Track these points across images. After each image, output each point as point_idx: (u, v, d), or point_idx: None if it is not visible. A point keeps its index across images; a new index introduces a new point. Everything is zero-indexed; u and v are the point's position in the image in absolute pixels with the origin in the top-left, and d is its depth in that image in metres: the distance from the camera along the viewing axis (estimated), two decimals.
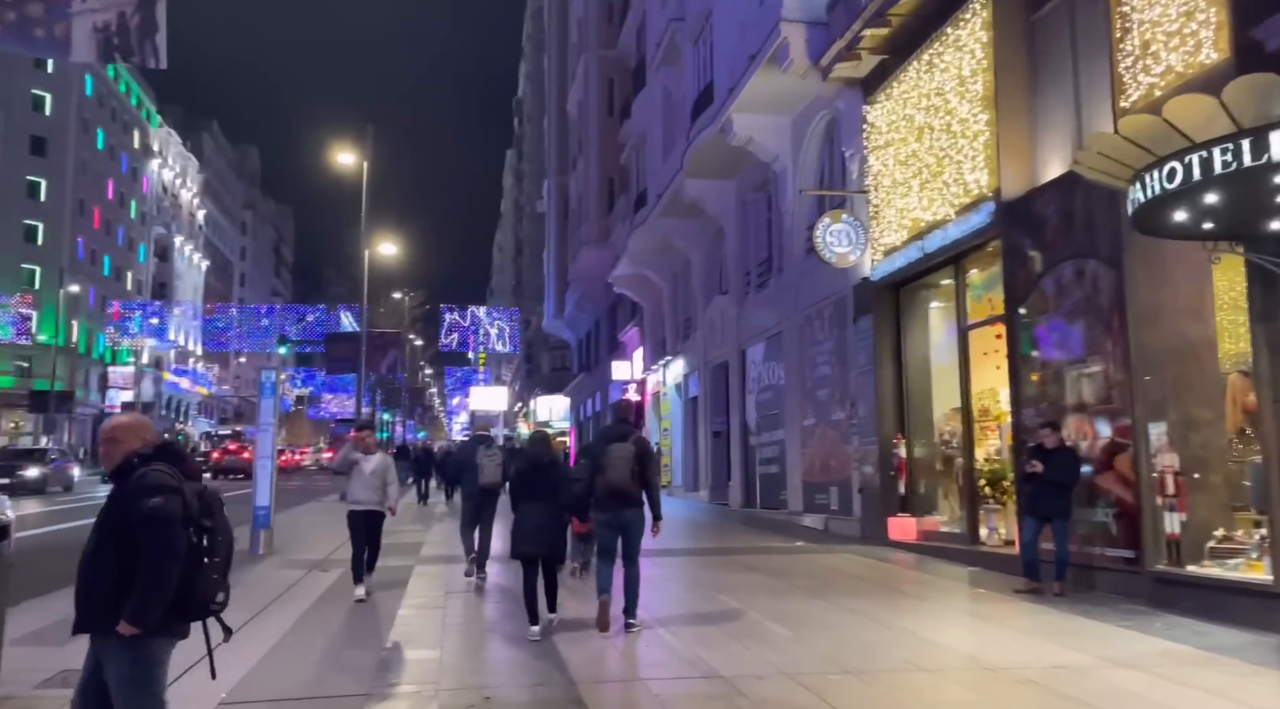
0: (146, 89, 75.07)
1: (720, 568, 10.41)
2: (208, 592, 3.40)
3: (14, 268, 55.41)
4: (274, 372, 12.20)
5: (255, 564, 10.73)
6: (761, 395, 18.80)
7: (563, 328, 48.96)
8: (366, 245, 24.87)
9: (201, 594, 3.37)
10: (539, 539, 6.77)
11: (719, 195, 20.21)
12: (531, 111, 69.04)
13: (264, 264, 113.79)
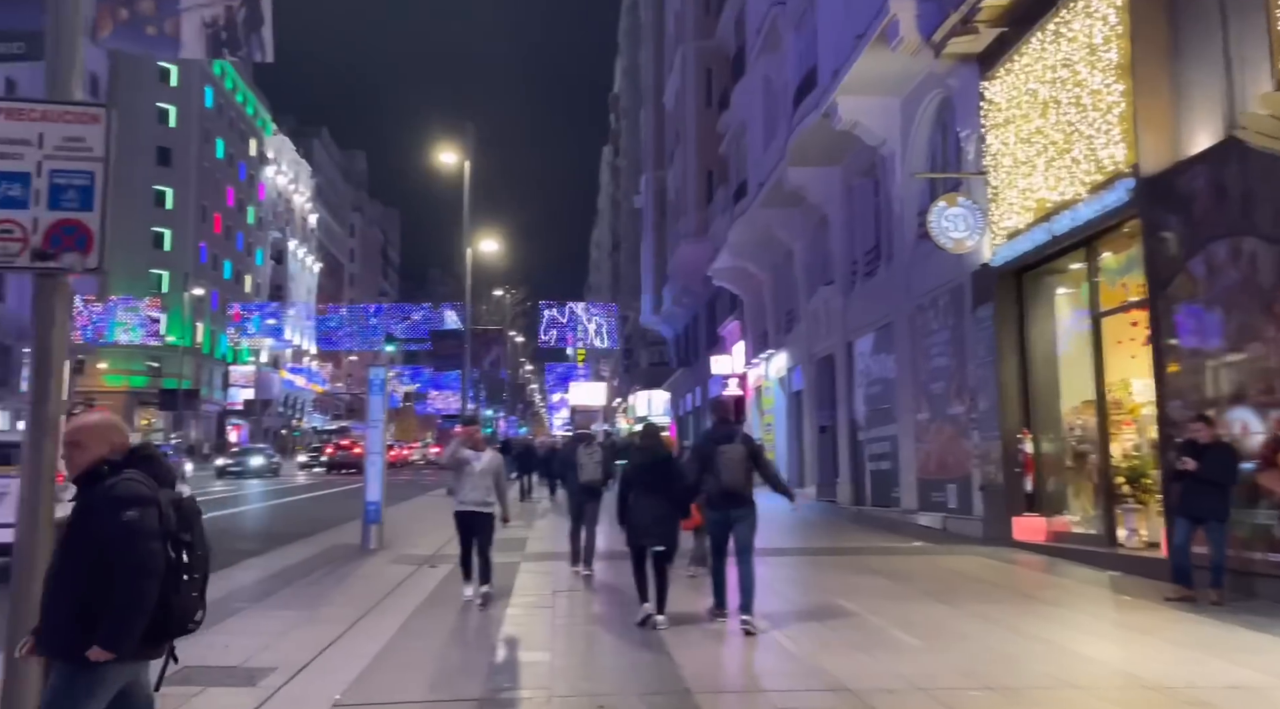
0: (261, 99, 78.39)
1: (835, 569, 9.97)
2: (186, 611, 3.09)
3: (144, 273, 58.64)
4: (383, 369, 12.36)
5: (366, 559, 10.85)
6: (870, 389, 18.16)
7: (660, 323, 48.86)
8: (469, 242, 25.19)
9: (179, 615, 3.06)
10: (656, 531, 6.94)
11: (823, 183, 19.61)
12: (628, 107, 69.14)
13: (372, 265, 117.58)
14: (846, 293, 19.39)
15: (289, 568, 9.93)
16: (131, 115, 58.38)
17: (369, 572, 9.79)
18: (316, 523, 16.53)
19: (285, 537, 13.80)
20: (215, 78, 66.76)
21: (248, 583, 8.75)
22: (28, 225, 4.27)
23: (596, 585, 9.11)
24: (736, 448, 6.93)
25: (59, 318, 4.35)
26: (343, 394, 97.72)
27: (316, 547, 11.92)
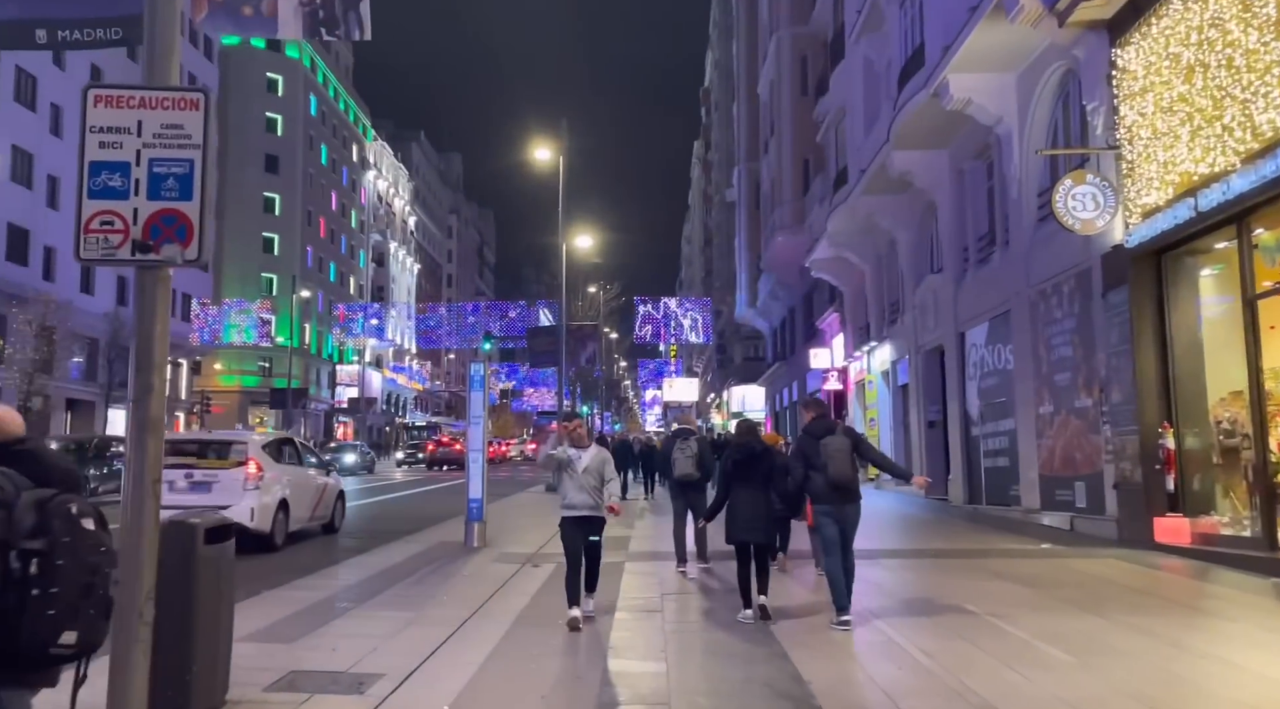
0: (362, 105, 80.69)
1: (960, 573, 9.32)
2: (40, 634, 2.52)
3: (255, 277, 61.08)
4: (482, 364, 12.22)
5: (470, 557, 10.72)
6: (985, 381, 17.23)
7: (755, 317, 48.11)
8: (564, 239, 25.11)
9: (31, 638, 2.51)
10: (754, 527, 7.00)
11: (930, 166, 18.72)
12: (719, 99, 68.46)
13: (468, 265, 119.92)
14: (957, 281, 18.47)
15: (394, 566, 9.86)
16: (241, 125, 60.86)
17: (473, 571, 9.63)
18: (420, 520, 16.62)
19: (389, 534, 13.86)
20: (319, 86, 68.98)
21: (353, 582, 8.69)
22: (128, 216, 4.13)
23: (705, 586, 8.73)
24: (839, 439, 6.89)
25: (159, 311, 4.20)
26: (442, 392, 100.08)
27: (420, 544, 11.88)
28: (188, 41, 47.98)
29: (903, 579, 9.12)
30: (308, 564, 10.43)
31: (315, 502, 13.87)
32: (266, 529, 11.94)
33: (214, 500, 11.36)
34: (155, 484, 4.15)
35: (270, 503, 12.07)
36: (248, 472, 11.97)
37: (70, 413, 38.43)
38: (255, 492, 11.87)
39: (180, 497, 11.45)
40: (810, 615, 7.14)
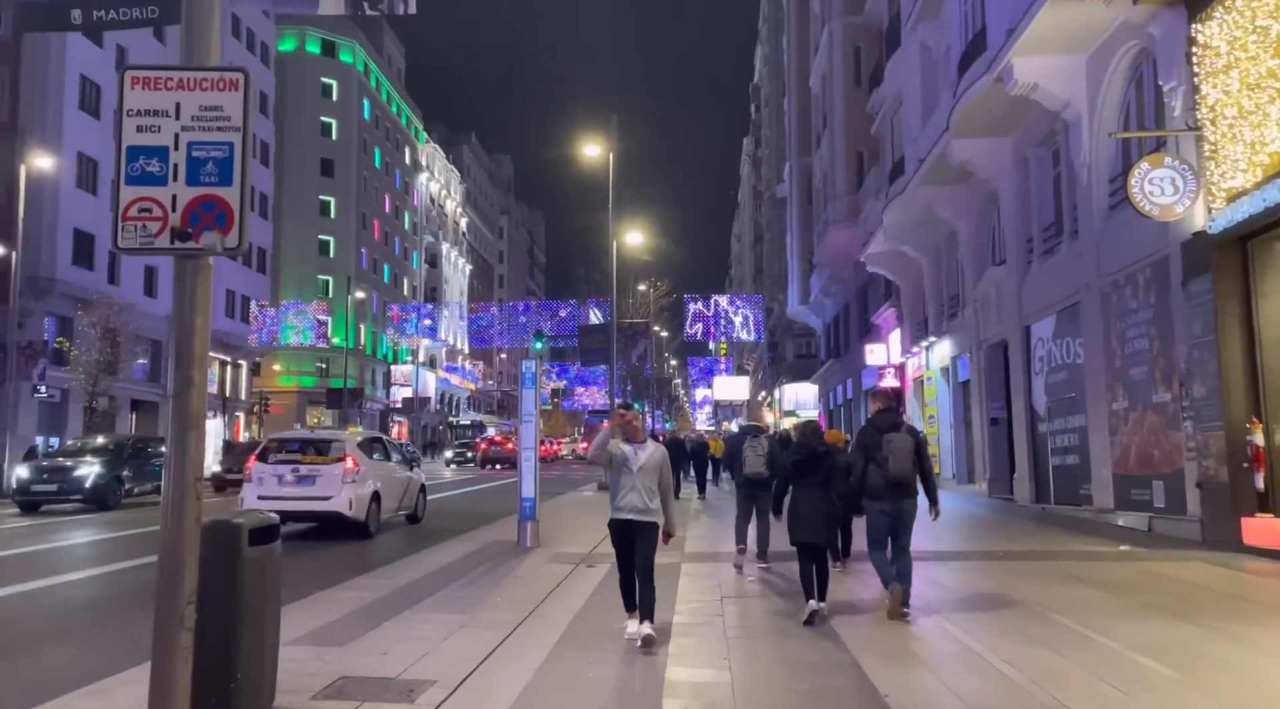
0: (414, 108, 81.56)
1: (1035, 576, 8.84)
2: None
3: (312, 279, 62.03)
4: (534, 362, 12.03)
5: (523, 557, 10.52)
6: (1052, 377, 16.58)
7: (808, 314, 47.42)
8: (614, 235, 24.88)
9: None
10: (815, 527, 6.94)
11: (992, 155, 18.09)
12: (769, 95, 67.76)
13: (519, 266, 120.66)
14: (1021, 274, 17.82)
15: (447, 566, 9.69)
16: (297, 130, 61.85)
17: (526, 571, 9.42)
18: (472, 518, 16.53)
19: (442, 533, 13.76)
20: (372, 90, 69.85)
21: (405, 583, 8.52)
22: (166, 203, 3.96)
23: (765, 587, 8.40)
24: (905, 438, 6.83)
25: (200, 303, 4.03)
26: (494, 391, 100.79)
27: (473, 543, 11.73)
28: (244, 47, 48.89)
29: (974, 582, 8.67)
30: (364, 562, 10.34)
31: (402, 494, 15.41)
32: (362, 518, 13.40)
33: (317, 492, 13.14)
34: (197, 483, 3.98)
35: (365, 495, 13.53)
36: (346, 467, 13.37)
37: (135, 413, 39.34)
38: (352, 484, 13.30)
39: (288, 489, 13.22)
40: (877, 619, 6.78)
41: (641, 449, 6.27)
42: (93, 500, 19.22)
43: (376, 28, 73.52)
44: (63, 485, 18.98)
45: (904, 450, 6.74)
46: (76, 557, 11.95)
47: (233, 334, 46.43)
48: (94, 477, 19.25)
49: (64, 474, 19.12)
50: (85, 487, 19.07)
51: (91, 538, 14.22)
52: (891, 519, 6.85)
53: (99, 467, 19.53)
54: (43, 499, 19.17)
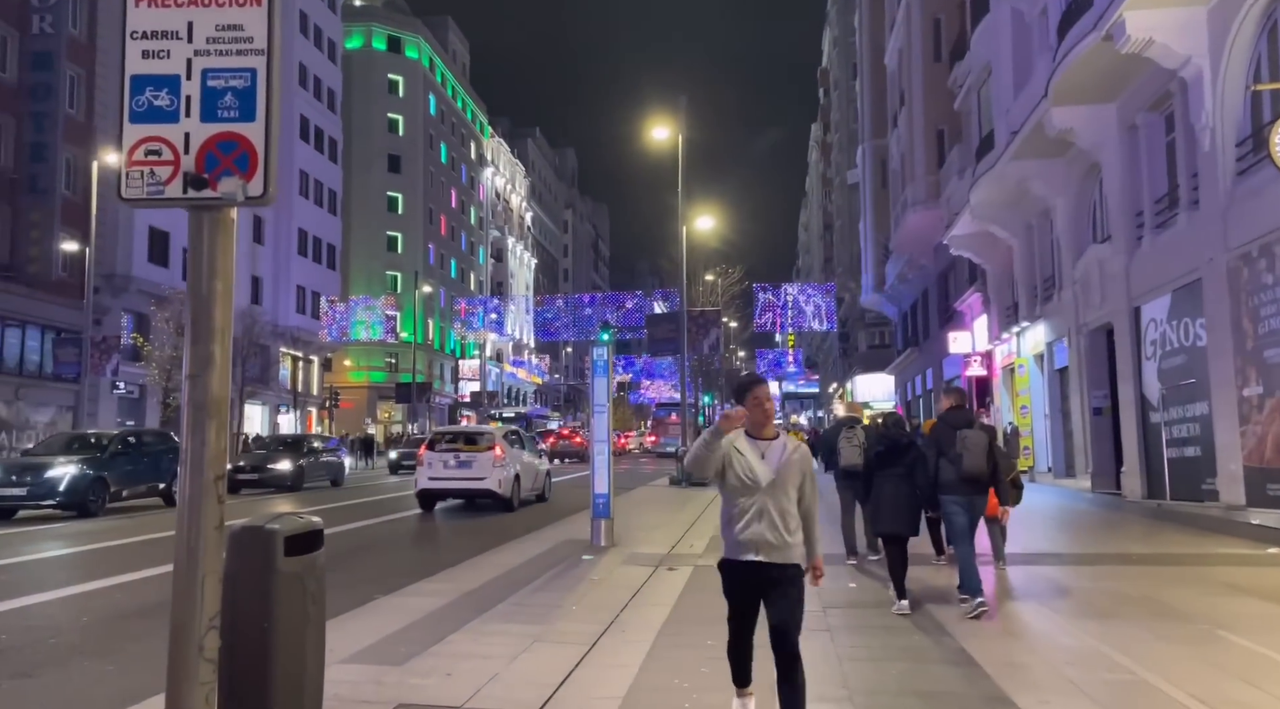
0: (479, 103, 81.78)
1: (1183, 586, 7.75)
2: None
3: (380, 275, 62.57)
4: (605, 349, 11.27)
5: (599, 557, 9.78)
6: (1168, 361, 15.20)
7: (883, 302, 45.89)
8: (683, 220, 24.02)
9: None
10: (899, 519, 6.99)
11: (1095, 123, 16.72)
12: (838, 78, 66.02)
13: (584, 260, 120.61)
14: (1129, 251, 16.43)
15: (517, 568, 9.00)
16: (365, 126, 62.38)
17: (602, 575, 8.66)
18: (541, 515, 15.91)
19: (508, 531, 13.13)
20: (437, 86, 70.15)
21: (472, 588, 7.83)
22: (178, 143, 3.27)
23: (869, 593, 7.49)
24: (980, 434, 6.94)
25: (220, 264, 3.32)
26: (560, 385, 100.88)
27: (543, 542, 11.04)
28: (311, 43, 49.30)
29: (1115, 590, 7.62)
30: (428, 564, 9.73)
31: (534, 478, 18.50)
32: (508, 495, 16.57)
33: (473, 474, 16.44)
34: (218, 482, 3.27)
35: (509, 476, 16.64)
36: (495, 453, 16.60)
37: None
38: (500, 468, 16.49)
39: (451, 471, 16.59)
40: (1005, 630, 5.84)
41: (772, 448, 3.96)
42: (69, 505, 15.94)
43: (441, 23, 73.85)
44: (33, 488, 15.73)
45: (979, 447, 6.83)
46: None
47: (304, 329, 46.94)
48: (70, 478, 15.92)
49: (35, 475, 15.89)
50: (60, 490, 15.76)
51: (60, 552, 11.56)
52: (969, 514, 6.94)
53: (76, 466, 16.20)
54: (13, 504, 15.92)
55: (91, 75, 33.07)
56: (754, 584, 3.94)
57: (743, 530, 3.91)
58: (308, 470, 23.33)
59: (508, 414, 60.79)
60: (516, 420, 56.66)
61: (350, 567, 9.93)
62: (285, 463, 22.59)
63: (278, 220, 45.76)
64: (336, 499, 20.31)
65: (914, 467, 7.03)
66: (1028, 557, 9.48)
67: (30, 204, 28.76)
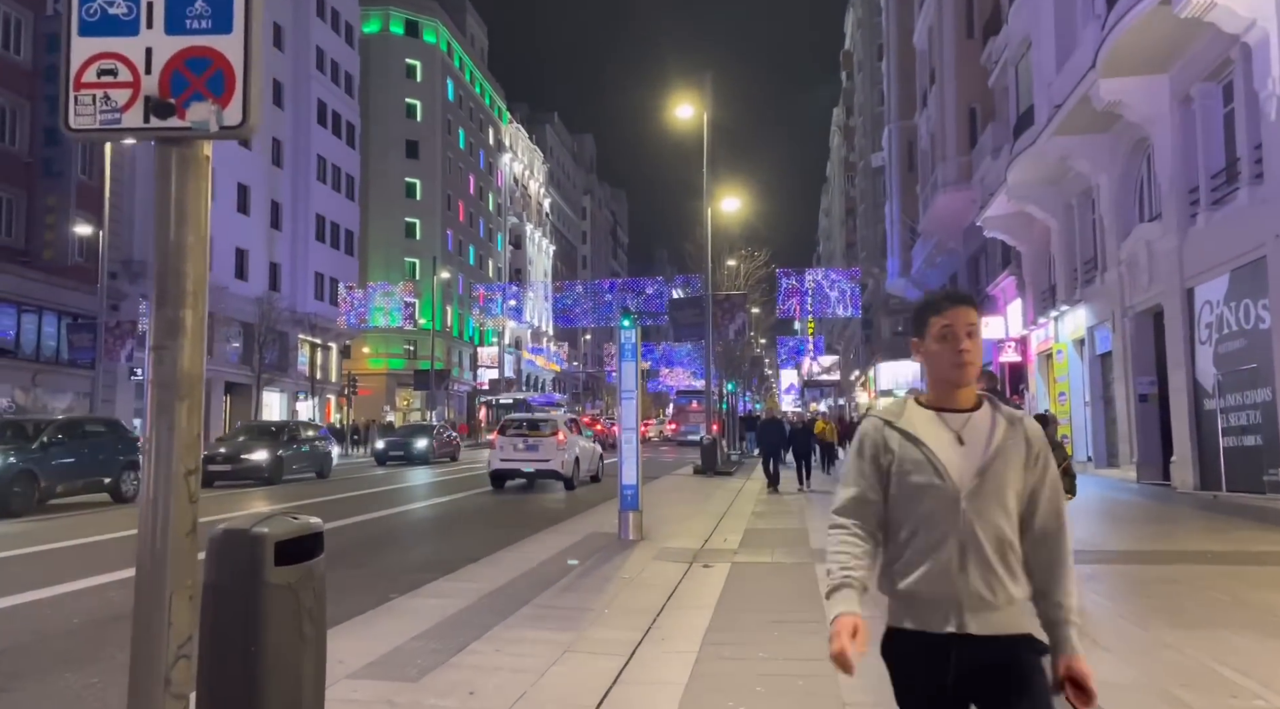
0: (496, 88, 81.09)
1: (1269, 586, 7.05)
2: None
3: (399, 261, 62.15)
4: (631, 331, 10.62)
5: (627, 553, 9.17)
6: (1225, 345, 14.40)
7: (909, 287, 44.95)
8: (708, 201, 23.31)
9: None
10: None
11: (1146, 95, 15.86)
12: (863, 60, 64.85)
13: (602, 247, 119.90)
14: (1182, 229, 15.59)
15: (542, 564, 8.40)
16: (382, 111, 61.87)
17: (633, 572, 8.06)
18: (564, 506, 15.35)
19: (530, 523, 12.57)
20: (455, 71, 69.51)
21: (494, 587, 7.24)
22: (137, 62, 2.67)
23: None
24: None
25: (191, 210, 2.72)
26: (578, 372, 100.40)
27: (569, 536, 10.44)
28: (329, 27, 48.76)
29: (1199, 594, 6.92)
30: (448, 559, 9.17)
31: (590, 459, 20.66)
32: (569, 474, 18.59)
33: (539, 456, 18.42)
34: (190, 478, 2.67)
35: (570, 459, 18.59)
36: (558, 438, 18.64)
37: (230, 396, 39.69)
38: (562, 451, 18.45)
39: (520, 454, 18.59)
40: (1097, 644, 5.17)
41: (977, 429, 2.13)
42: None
43: (459, 7, 73.13)
44: None
45: None
46: None
47: (322, 316, 46.58)
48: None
49: None
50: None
51: None
52: None
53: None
54: None
55: None
56: (958, 679, 2.05)
57: (922, 574, 2.07)
58: (288, 461, 21.05)
59: (505, 400, 57.48)
60: (516, 407, 53.94)
61: (365, 561, 9.38)
62: (261, 452, 20.16)
63: (295, 206, 45.36)
64: (322, 492, 18.35)
65: None
66: (1090, 553, 8.79)
67: (46, 188, 28.40)
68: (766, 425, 19.55)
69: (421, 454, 30.12)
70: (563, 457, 18.33)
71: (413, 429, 33.87)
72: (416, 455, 30.03)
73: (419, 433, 31.98)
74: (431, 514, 14.71)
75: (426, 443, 30.59)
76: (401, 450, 30.28)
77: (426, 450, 30.34)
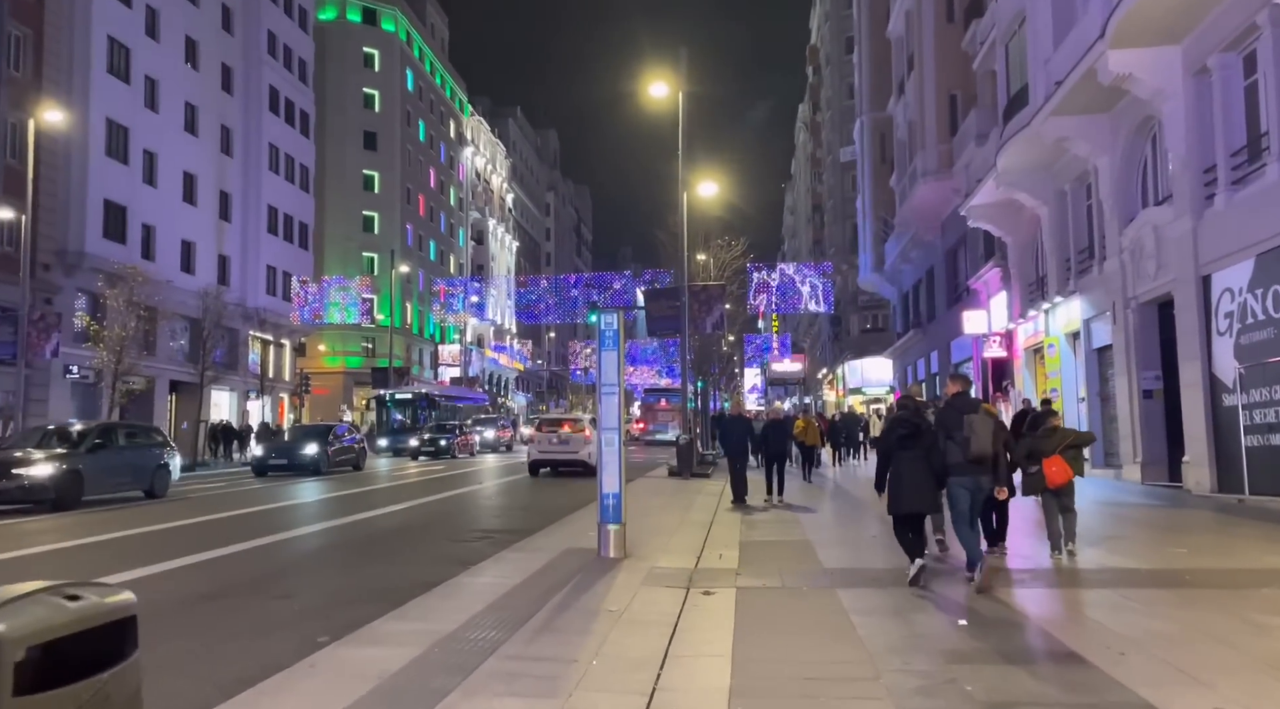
0: (459, 80, 79.11)
1: None
2: None
3: (356, 256, 60.06)
4: (615, 315, 9.22)
5: (611, 575, 7.77)
6: (1247, 336, 13.35)
7: (881, 282, 44.10)
8: (684, 185, 21.92)
9: None
10: (923, 499, 7.15)
11: (1157, 67, 14.80)
12: (830, 53, 63.96)
13: (566, 244, 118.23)
14: (1197, 212, 14.54)
15: (510, 594, 6.97)
16: (339, 101, 59.76)
17: (621, 602, 6.66)
18: (529, 515, 13.89)
19: (497, 536, 11.12)
20: (415, 61, 67.49)
21: (450, 629, 5.77)
22: None
23: (997, 632, 5.54)
24: (987, 419, 7.06)
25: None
26: (542, 371, 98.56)
27: (540, 554, 9.01)
28: (282, 11, 46.67)
29: (1248, 625, 5.68)
30: (398, 582, 7.69)
31: None
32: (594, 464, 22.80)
33: (570, 449, 22.27)
34: None
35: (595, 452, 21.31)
36: (586, 434, 22.04)
37: (175, 395, 37.58)
38: (589, 445, 21.04)
39: (554, 447, 22.45)
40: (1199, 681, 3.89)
41: None
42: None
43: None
44: None
45: (986, 430, 6.96)
46: None
47: (274, 311, 44.50)
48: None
49: None
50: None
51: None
52: (971, 494, 7.10)
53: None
54: None
55: (40, 35, 30.51)
56: None
57: None
58: (93, 476, 15.52)
59: (401, 396, 45.47)
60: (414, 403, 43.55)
61: (296, 589, 7.88)
62: (45, 467, 14.66)
63: (246, 196, 43.25)
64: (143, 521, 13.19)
65: (931, 449, 7.15)
66: (1164, 574, 7.58)
67: None
68: (732, 424, 15.88)
69: (310, 463, 24.39)
70: (589, 449, 20.76)
71: (304, 432, 27.69)
72: (304, 464, 24.36)
73: (309, 437, 25.95)
74: (385, 527, 13.16)
75: (317, 449, 24.80)
76: (285, 457, 24.64)
77: (317, 458, 24.62)
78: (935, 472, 7.11)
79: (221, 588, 7.96)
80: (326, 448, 25.35)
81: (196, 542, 10.88)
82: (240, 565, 9.28)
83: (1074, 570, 7.97)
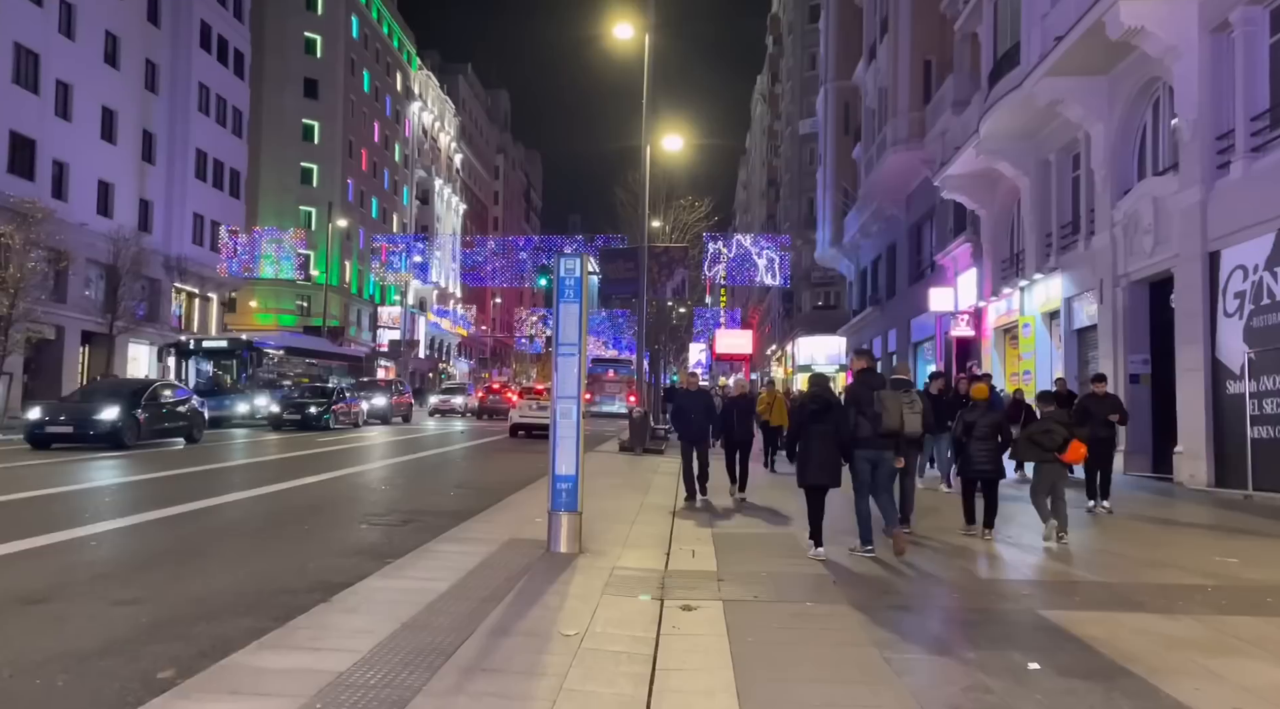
0: (407, 31, 75.79)
1: None
2: None
3: (293, 209, 57.11)
4: (577, 260, 7.62)
5: (566, 579, 6.24)
6: (1261, 318, 12.28)
7: (839, 257, 43.02)
8: (648, 137, 20.23)
9: None
10: (828, 471, 7.37)
11: (1171, 22, 13.59)
12: (792, 22, 62.44)
13: (515, 209, 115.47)
14: (1208, 181, 13.40)
15: (438, 605, 5.38)
16: (279, 44, 56.51)
17: (580, 620, 5.13)
18: (466, 493, 12.29)
19: (426, 518, 9.52)
20: (360, 6, 64.23)
21: (350, 664, 4.16)
22: None
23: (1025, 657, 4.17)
24: (894, 395, 7.46)
25: None
26: (486, 337, 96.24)
27: (477, 547, 7.42)
28: None
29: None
30: (305, 568, 6.05)
31: None
32: None
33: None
34: None
35: None
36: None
37: (87, 346, 34.84)
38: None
39: (534, 412, 25.00)
40: None
41: None
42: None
43: None
44: None
45: (896, 406, 7.36)
46: None
47: (199, 261, 41.69)
48: None
49: None
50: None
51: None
52: (872, 465, 7.41)
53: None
54: None
55: None
56: None
57: None
58: None
59: (212, 344, 32.95)
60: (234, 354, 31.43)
61: (141, 593, 6.19)
62: None
63: (172, 137, 40.28)
64: None
65: (840, 424, 7.37)
66: (1224, 590, 6.34)
67: None
68: (688, 399, 12.18)
69: (108, 432, 17.56)
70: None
71: (105, 390, 20.04)
72: (101, 434, 17.55)
73: (110, 397, 18.71)
74: (278, 503, 11.41)
75: (119, 415, 17.81)
76: (73, 424, 17.64)
77: (119, 427, 17.67)
78: (841, 445, 7.37)
79: (52, 587, 6.23)
80: (136, 414, 18.25)
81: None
82: (69, 555, 7.52)
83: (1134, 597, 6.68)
